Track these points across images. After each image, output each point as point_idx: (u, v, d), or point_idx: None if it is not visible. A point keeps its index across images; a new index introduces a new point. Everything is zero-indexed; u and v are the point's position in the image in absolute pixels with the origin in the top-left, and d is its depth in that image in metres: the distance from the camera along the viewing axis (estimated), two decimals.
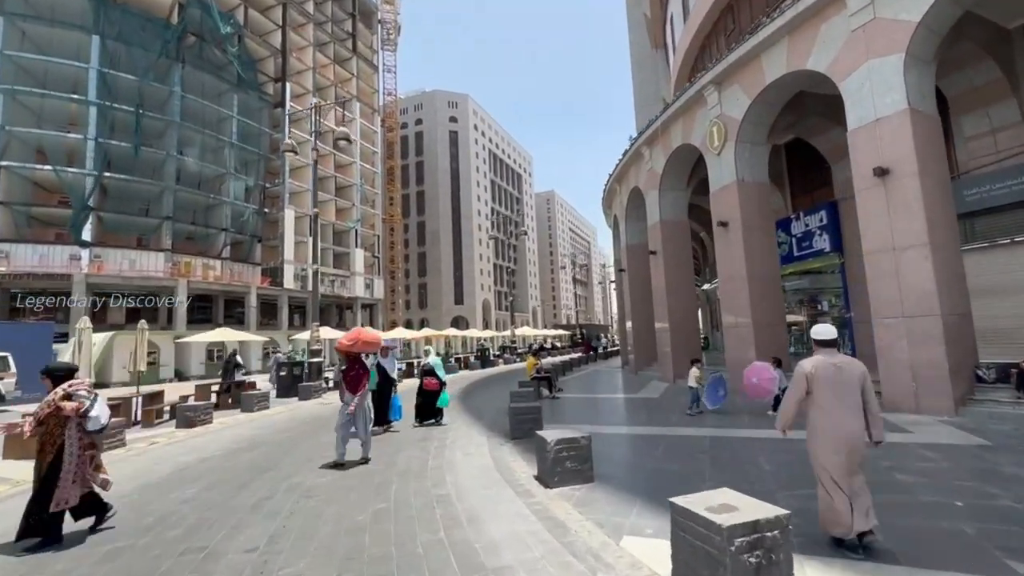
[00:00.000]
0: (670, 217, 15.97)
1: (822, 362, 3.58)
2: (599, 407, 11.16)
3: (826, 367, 3.55)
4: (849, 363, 3.60)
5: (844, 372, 3.53)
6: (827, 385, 3.51)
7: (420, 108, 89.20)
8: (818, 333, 3.74)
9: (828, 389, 3.51)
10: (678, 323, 15.49)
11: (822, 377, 3.53)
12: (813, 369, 3.57)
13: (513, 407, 7.89)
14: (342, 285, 55.19)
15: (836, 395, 3.49)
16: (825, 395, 3.51)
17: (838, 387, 3.50)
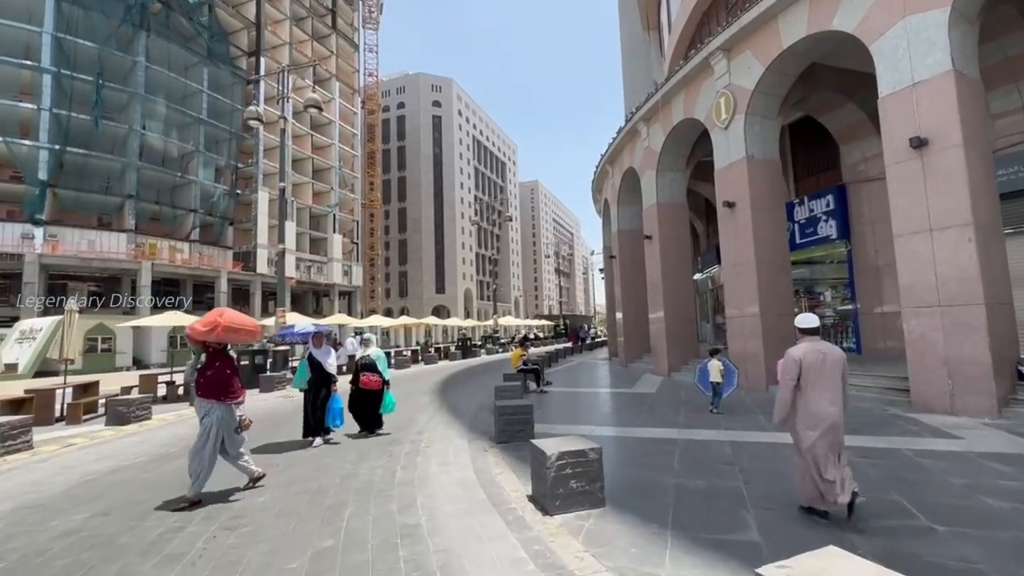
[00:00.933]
0: (667, 199, 14.88)
1: (809, 349, 3.80)
2: (593, 404, 10.04)
3: (813, 354, 3.77)
4: (831, 349, 3.84)
5: (828, 358, 3.76)
6: (812, 370, 3.73)
7: (403, 91, 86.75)
8: (803, 322, 3.96)
9: (813, 374, 3.73)
10: (674, 313, 14.47)
11: (809, 363, 3.74)
12: (803, 356, 3.77)
13: (500, 405, 6.70)
14: (319, 271, 53.26)
15: (820, 380, 3.73)
16: (810, 380, 3.74)
17: (822, 372, 3.73)
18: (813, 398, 3.73)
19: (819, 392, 3.72)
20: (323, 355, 7.18)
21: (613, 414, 8.62)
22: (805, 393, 3.77)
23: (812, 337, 3.89)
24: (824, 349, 3.81)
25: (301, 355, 9.88)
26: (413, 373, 19.03)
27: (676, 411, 8.63)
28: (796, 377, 3.78)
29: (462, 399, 11.27)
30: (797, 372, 3.77)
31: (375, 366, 7.46)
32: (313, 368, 7.13)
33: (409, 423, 8.42)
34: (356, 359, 7.71)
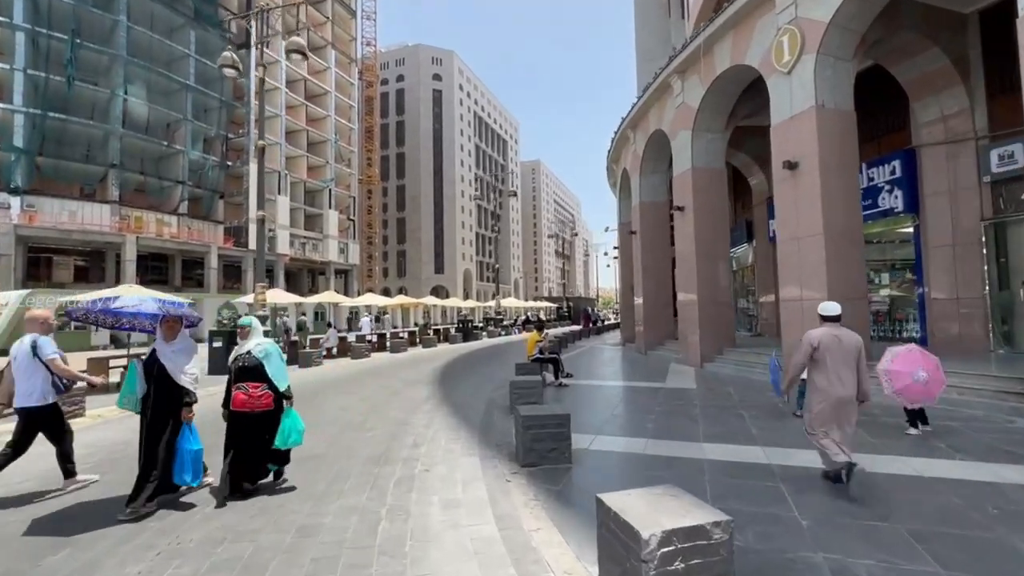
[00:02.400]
0: (704, 164, 12.95)
1: (827, 333, 4.25)
2: (627, 403, 8.25)
3: (830, 337, 4.21)
4: (848, 335, 4.25)
5: (843, 342, 4.20)
6: (829, 352, 4.18)
7: (402, 63, 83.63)
8: (825, 309, 4.41)
9: (829, 356, 4.17)
10: (708, 295, 12.66)
11: (825, 345, 4.19)
12: (820, 338, 4.23)
13: (525, 415, 4.91)
14: (314, 248, 51.32)
15: (835, 361, 4.16)
16: (826, 360, 4.18)
17: (837, 355, 4.16)
18: (823, 376, 4.18)
19: (829, 372, 4.16)
20: (174, 355, 4.19)
21: (661, 420, 6.84)
22: (818, 371, 4.22)
23: (833, 323, 4.31)
24: (840, 334, 4.22)
25: None
26: (410, 358, 17.29)
27: (738, 416, 6.87)
28: (808, 356, 4.25)
29: (467, 393, 9.52)
30: (810, 352, 4.24)
31: (261, 369, 4.31)
32: (153, 378, 4.11)
33: (403, 428, 6.65)
34: (231, 360, 4.48)
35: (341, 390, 9.95)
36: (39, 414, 4.35)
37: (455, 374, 12.58)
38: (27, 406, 4.31)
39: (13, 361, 4.38)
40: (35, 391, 4.31)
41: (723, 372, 11.57)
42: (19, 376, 4.33)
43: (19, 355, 4.37)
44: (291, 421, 4.39)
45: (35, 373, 4.31)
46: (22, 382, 4.32)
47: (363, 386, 10.53)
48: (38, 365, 4.32)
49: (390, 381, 11.26)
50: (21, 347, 4.39)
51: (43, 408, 4.36)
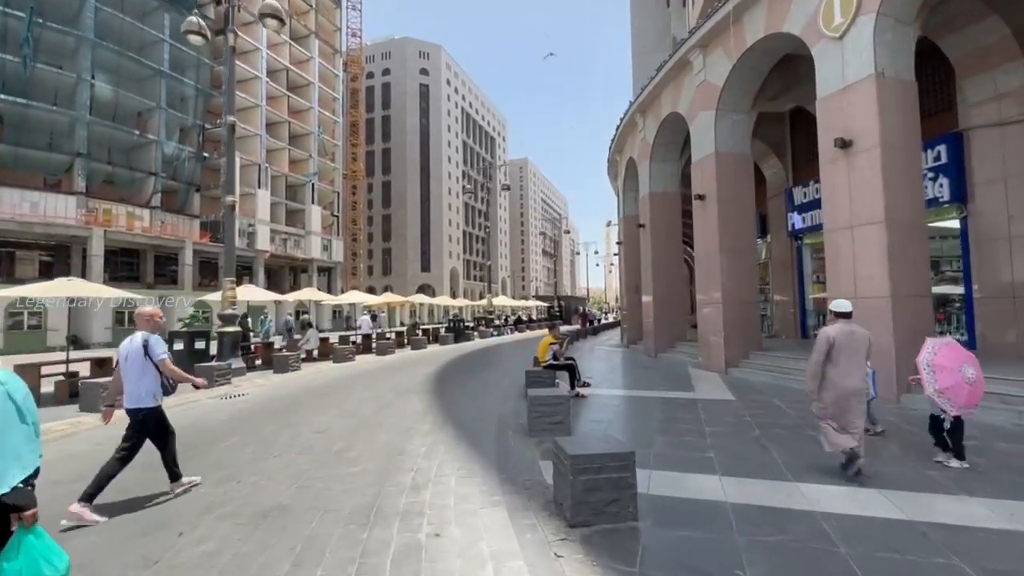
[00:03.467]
0: (728, 148, 11.70)
1: (841, 329, 4.49)
2: (671, 421, 6.86)
3: (844, 333, 4.45)
4: (860, 331, 4.53)
5: (855, 337, 4.46)
6: (843, 347, 4.40)
7: (388, 57, 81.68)
8: (837, 306, 4.69)
9: (844, 351, 4.40)
10: (734, 293, 11.42)
11: (840, 342, 4.41)
12: (836, 335, 4.45)
13: (574, 454, 3.50)
14: (296, 245, 49.35)
15: (848, 355, 4.40)
16: (840, 355, 4.40)
17: (850, 349, 4.41)
18: (839, 371, 4.40)
19: (844, 367, 4.39)
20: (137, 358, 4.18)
21: (722, 446, 5.49)
22: (832, 365, 4.44)
23: (845, 319, 4.58)
24: (853, 329, 4.51)
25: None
26: (399, 361, 15.80)
27: (812, 440, 5.57)
28: (826, 353, 4.45)
29: (471, 406, 8.11)
30: (827, 348, 4.45)
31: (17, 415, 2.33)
32: None
33: (397, 459, 5.22)
34: None
35: (320, 403, 8.47)
36: (149, 416, 4.19)
37: (452, 381, 11.14)
38: (138, 407, 4.14)
39: (123, 361, 4.19)
40: (146, 392, 4.15)
41: (754, 380, 10.32)
42: (129, 376, 4.15)
43: (130, 354, 4.17)
44: (30, 546, 2.14)
45: (146, 373, 4.16)
46: (133, 382, 4.14)
47: (347, 397, 9.06)
48: (149, 365, 4.16)
49: (379, 390, 9.80)
50: (132, 346, 4.18)
51: (154, 410, 4.21)
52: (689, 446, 5.47)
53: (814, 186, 14.16)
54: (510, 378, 11.21)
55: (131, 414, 4.15)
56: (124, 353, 4.21)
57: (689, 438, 5.82)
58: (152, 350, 4.16)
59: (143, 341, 4.17)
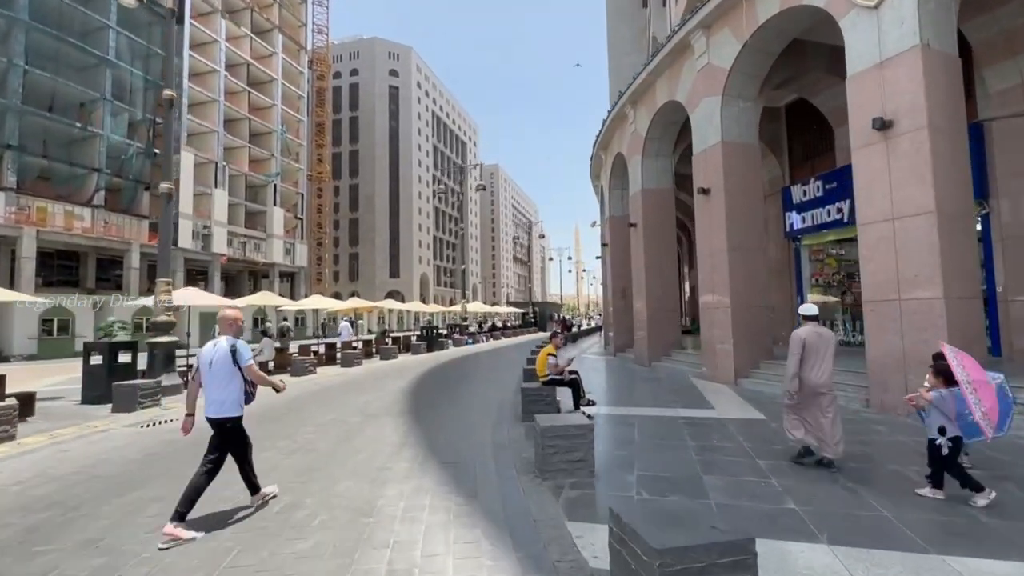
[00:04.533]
0: (736, 137, 10.65)
1: (811, 331, 4.83)
2: (708, 452, 5.46)
3: (814, 335, 4.81)
4: (826, 331, 4.91)
5: (823, 338, 4.81)
6: (813, 348, 4.77)
7: (356, 57, 79.44)
8: (806, 310, 5.08)
9: (814, 351, 4.76)
10: (744, 296, 10.33)
11: (811, 343, 4.77)
12: (807, 336, 4.79)
13: (662, 547, 2.13)
14: (256, 248, 46.65)
15: (816, 355, 4.76)
16: (810, 355, 4.76)
17: (818, 349, 4.77)
18: (809, 370, 4.76)
19: (813, 366, 4.76)
20: None
21: (799, 494, 4.19)
22: (804, 365, 4.78)
23: (813, 322, 4.95)
24: (821, 331, 4.88)
25: None
26: (366, 374, 14.15)
27: (907, 480, 4.36)
28: (800, 353, 4.77)
29: (458, 434, 6.63)
30: (801, 350, 4.77)
31: None
32: None
33: (363, 526, 3.71)
34: None
35: (267, 431, 6.84)
36: (235, 425, 3.95)
37: (431, 399, 9.61)
38: (225, 416, 3.89)
39: (206, 367, 3.92)
40: (232, 400, 3.91)
41: (770, 392, 9.19)
42: (215, 384, 3.88)
43: (216, 359, 3.91)
44: None
45: (233, 380, 3.91)
46: (218, 390, 3.88)
47: (302, 422, 7.45)
48: (236, 372, 3.91)
49: (342, 412, 8.21)
50: (218, 351, 3.93)
51: (238, 419, 3.97)
52: (755, 493, 4.16)
53: (816, 183, 13.34)
54: (497, 393, 9.78)
55: (216, 424, 3.91)
56: (208, 359, 3.94)
57: (748, 479, 4.52)
58: (240, 355, 3.92)
59: (230, 346, 3.92)
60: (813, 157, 14.10)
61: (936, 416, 3.94)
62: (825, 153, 13.77)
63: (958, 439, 3.88)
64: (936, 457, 3.94)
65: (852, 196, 12.43)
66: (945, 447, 3.87)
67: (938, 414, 3.93)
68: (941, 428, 3.88)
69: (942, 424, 3.89)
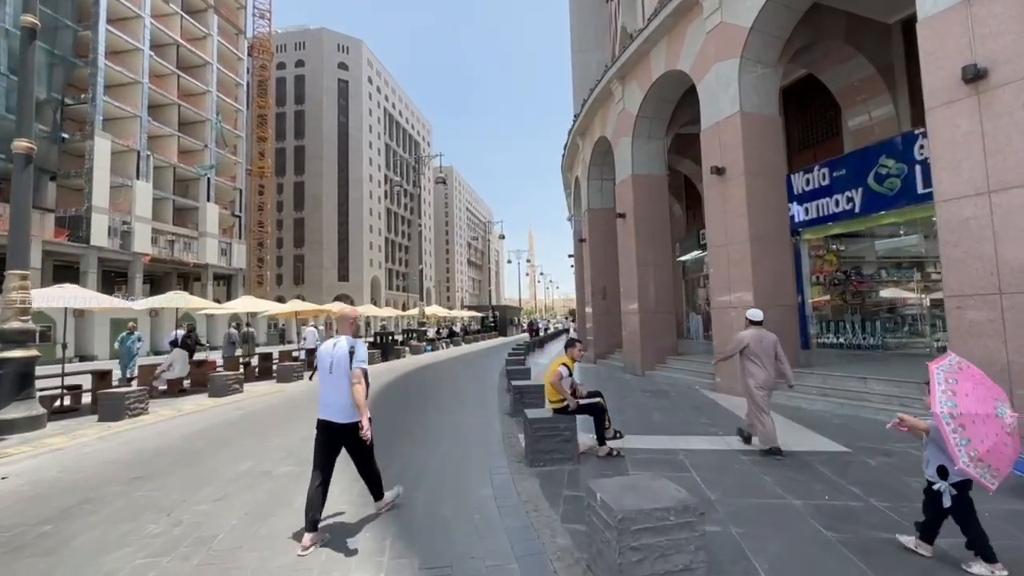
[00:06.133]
0: (756, 108, 9.06)
1: (754, 334, 5.58)
2: (839, 521, 3.67)
3: (756, 338, 5.56)
4: (767, 334, 5.63)
5: (764, 340, 5.57)
6: (756, 347, 5.52)
7: (303, 47, 75.12)
8: (753, 315, 5.72)
9: (757, 350, 5.52)
10: (770, 294, 8.71)
11: (753, 342, 5.54)
12: (749, 339, 5.57)
13: None
14: (186, 248, 42.26)
15: (760, 354, 5.51)
16: (755, 353, 5.52)
17: (762, 349, 5.52)
18: (753, 365, 5.53)
19: (755, 362, 5.51)
20: None
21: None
22: (750, 362, 5.55)
23: (757, 326, 5.64)
24: (763, 335, 5.59)
25: None
26: (306, 393, 11.62)
27: None
28: (739, 350, 5.62)
29: (442, 497, 4.48)
30: (741, 347, 5.60)
31: None
32: None
33: None
34: None
35: (139, 499, 4.45)
36: (355, 429, 3.55)
37: (393, 435, 7.35)
38: (346, 422, 3.55)
39: (325, 369, 3.61)
40: (349, 402, 3.53)
41: (815, 409, 7.58)
42: (339, 385, 3.54)
43: (337, 360, 3.58)
44: None
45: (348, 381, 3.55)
46: (339, 393, 3.54)
47: (203, 475, 5.08)
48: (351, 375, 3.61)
49: (267, 455, 5.87)
50: (338, 352, 3.61)
51: (358, 424, 3.52)
52: None
53: (820, 171, 12.02)
54: (480, 419, 7.67)
55: (342, 429, 3.56)
56: (328, 360, 3.59)
57: None
58: (356, 356, 3.54)
59: (350, 347, 3.58)
60: (815, 144, 12.86)
61: (934, 452, 2.98)
62: (830, 139, 12.56)
63: (965, 487, 2.89)
64: (934, 506, 2.99)
65: (864, 184, 11.28)
66: (948, 496, 2.90)
67: (936, 449, 2.97)
68: (941, 469, 2.93)
69: (942, 463, 2.93)
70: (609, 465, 4.97)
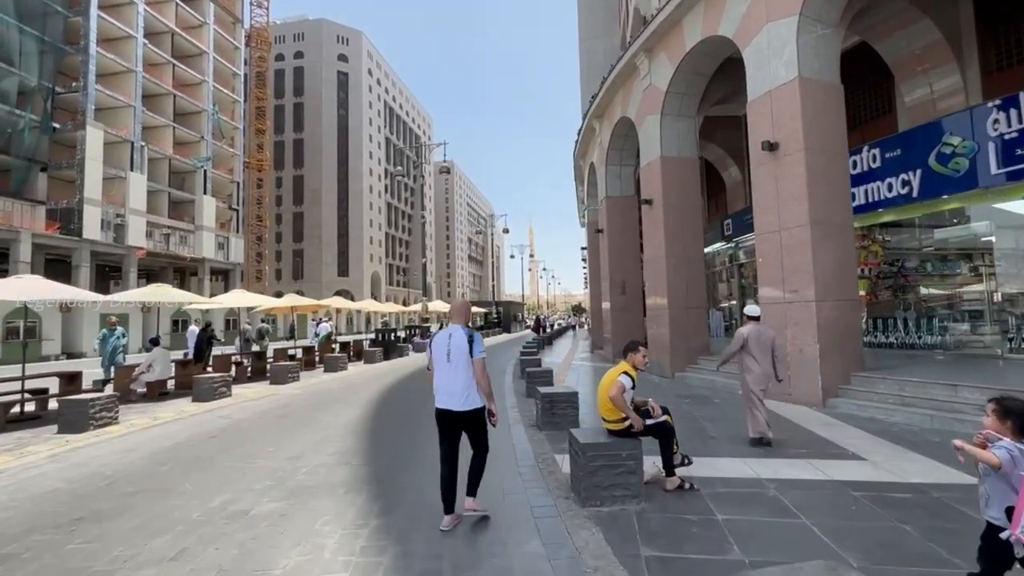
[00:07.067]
0: (817, 74, 7.90)
1: (752, 329, 5.69)
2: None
3: (754, 332, 5.67)
4: (765, 330, 5.80)
5: (762, 336, 5.69)
6: (754, 343, 5.63)
7: (301, 39, 73.75)
8: (750, 311, 5.92)
9: (755, 346, 5.62)
10: (832, 287, 7.58)
11: (752, 338, 5.64)
12: (748, 334, 5.67)
13: None
14: (182, 242, 41.13)
15: (758, 350, 5.62)
16: (754, 349, 5.62)
17: (759, 345, 5.64)
18: (752, 360, 5.62)
19: (755, 357, 5.60)
20: None
21: None
22: (748, 357, 5.64)
23: (755, 322, 5.79)
24: (761, 329, 5.75)
25: None
26: (298, 397, 10.50)
27: None
28: (740, 346, 5.67)
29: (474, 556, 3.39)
30: (741, 344, 5.66)
31: None
32: None
33: None
34: None
35: (73, 550, 3.36)
36: (473, 416, 3.66)
37: (395, 457, 6.24)
38: (477, 407, 3.65)
39: (443, 358, 3.64)
40: (476, 389, 3.64)
41: (894, 421, 6.45)
42: (458, 375, 3.62)
43: (455, 350, 3.65)
44: None
45: (471, 369, 3.64)
46: (463, 382, 3.61)
47: (162, 511, 3.98)
48: (470, 363, 3.65)
49: (247, 484, 4.75)
50: (456, 342, 3.66)
51: (475, 411, 3.68)
52: None
53: (870, 152, 10.89)
54: (502, 432, 6.54)
55: (464, 417, 3.63)
56: (444, 350, 3.66)
57: None
58: (476, 346, 3.65)
59: (468, 336, 3.66)
60: (863, 123, 11.70)
61: (998, 488, 2.27)
62: (881, 117, 11.40)
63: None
64: (994, 554, 2.25)
65: (924, 165, 10.11)
66: (1019, 547, 2.10)
67: (1002, 485, 2.24)
68: (1009, 509, 2.18)
69: (1010, 504, 2.19)
70: (686, 504, 3.85)
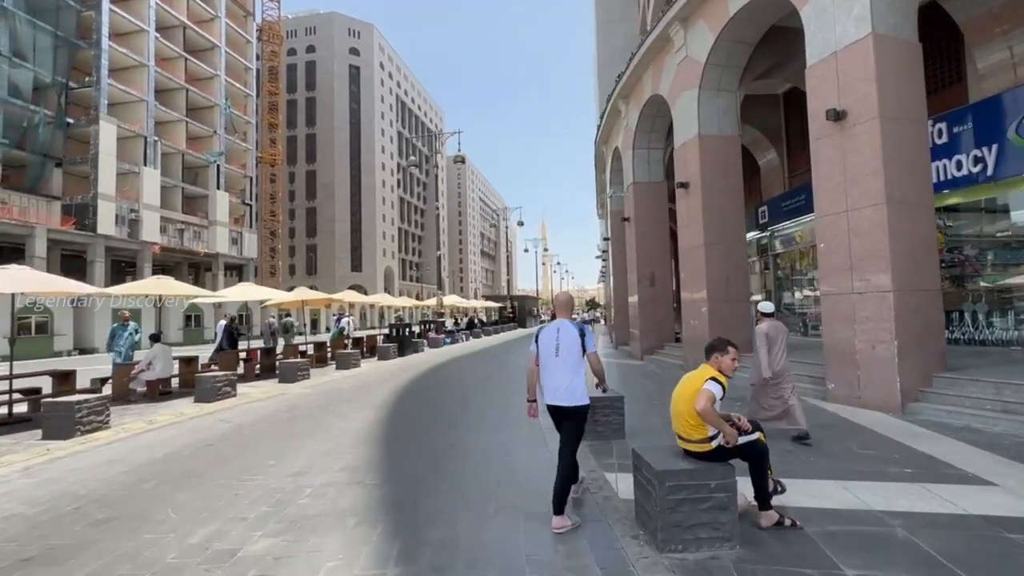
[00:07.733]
0: (892, 31, 6.87)
1: (771, 325, 5.64)
2: None
3: (774, 328, 5.62)
4: (781, 325, 5.75)
5: (779, 330, 5.64)
6: (776, 339, 5.57)
7: (313, 32, 73.23)
8: (765, 308, 5.86)
9: (774, 342, 5.56)
10: (912, 276, 6.60)
11: (773, 334, 5.56)
12: (768, 330, 5.57)
13: None
14: (196, 237, 40.91)
15: (776, 344, 5.55)
16: (772, 345, 5.53)
17: (779, 340, 5.59)
18: (773, 355, 5.51)
19: (776, 353, 5.53)
20: None
21: None
22: (769, 351, 5.52)
23: (770, 318, 5.75)
24: (778, 326, 5.69)
25: None
26: (308, 398, 9.77)
27: None
28: (767, 345, 5.52)
29: None
30: (767, 341, 5.52)
31: None
32: None
33: None
34: None
35: None
36: (578, 412, 3.57)
37: (414, 478, 5.45)
38: (582, 404, 3.55)
39: (551, 351, 3.57)
40: (583, 386, 3.54)
41: (994, 432, 5.51)
42: (565, 370, 3.53)
43: (564, 343, 3.55)
44: None
45: (580, 365, 3.57)
46: (569, 376, 3.52)
47: (132, 551, 3.23)
48: (583, 358, 3.60)
49: (230, 523, 3.95)
50: (565, 335, 3.56)
51: (588, 407, 3.63)
52: None
53: (937, 126, 9.78)
54: (538, 445, 5.71)
55: (571, 412, 3.53)
56: (553, 343, 3.57)
57: None
58: (588, 340, 3.59)
59: (580, 329, 3.59)
60: (932, 92, 10.58)
61: None
62: (946, 88, 10.30)
63: None
64: None
65: (1002, 139, 9.02)
66: None
67: None
68: None
69: None
70: (793, 549, 2.97)
